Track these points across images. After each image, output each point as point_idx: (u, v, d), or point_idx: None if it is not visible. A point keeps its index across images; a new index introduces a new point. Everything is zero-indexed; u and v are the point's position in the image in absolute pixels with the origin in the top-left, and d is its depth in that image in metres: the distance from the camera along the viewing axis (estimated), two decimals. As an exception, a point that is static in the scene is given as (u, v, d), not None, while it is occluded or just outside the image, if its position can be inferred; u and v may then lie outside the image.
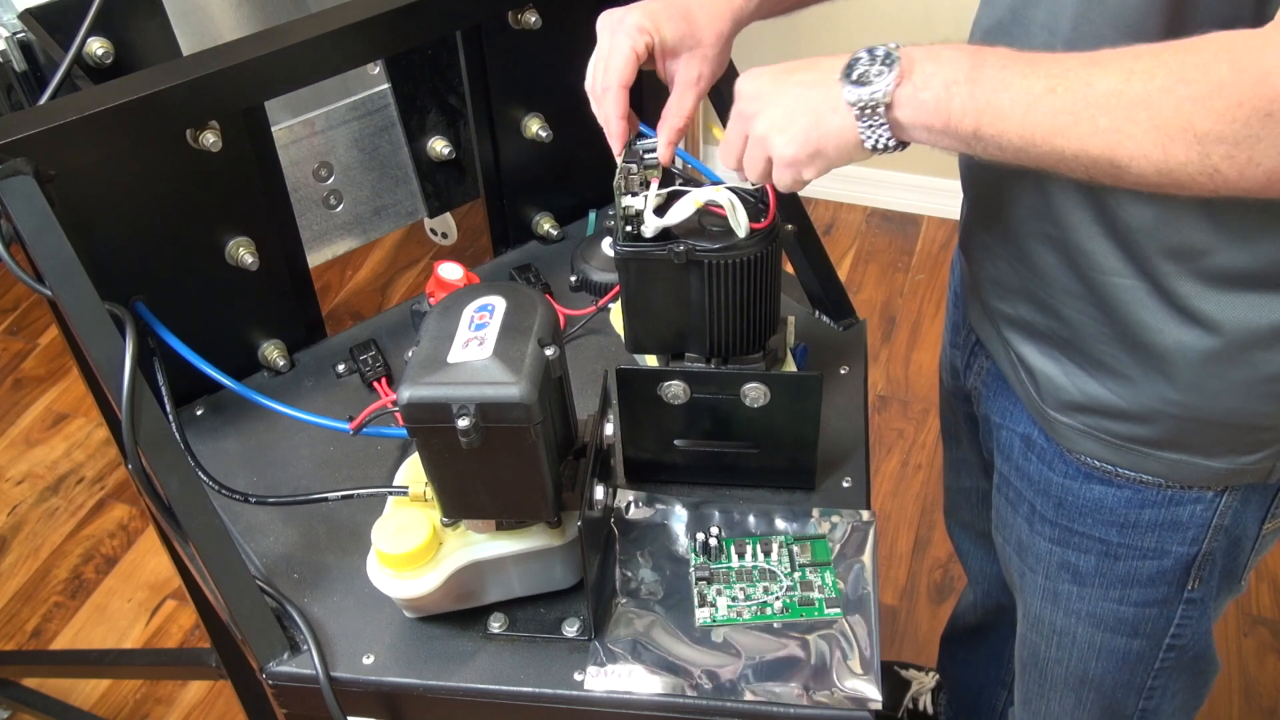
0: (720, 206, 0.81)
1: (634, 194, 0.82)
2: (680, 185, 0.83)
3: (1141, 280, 0.77)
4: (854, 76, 0.69)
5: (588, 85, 0.86)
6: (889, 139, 0.70)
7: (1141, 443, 0.84)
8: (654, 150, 0.84)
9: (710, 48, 0.84)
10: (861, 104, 0.69)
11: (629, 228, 0.82)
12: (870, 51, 0.69)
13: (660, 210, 0.81)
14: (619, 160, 0.83)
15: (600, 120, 0.85)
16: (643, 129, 0.88)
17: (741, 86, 0.76)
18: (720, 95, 0.99)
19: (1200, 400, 0.80)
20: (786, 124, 0.72)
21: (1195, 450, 0.83)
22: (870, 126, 0.70)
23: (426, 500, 0.80)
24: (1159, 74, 0.61)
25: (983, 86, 0.66)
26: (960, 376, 1.07)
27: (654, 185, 0.82)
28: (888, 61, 0.68)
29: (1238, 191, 0.62)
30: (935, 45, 0.69)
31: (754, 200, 0.83)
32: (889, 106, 0.69)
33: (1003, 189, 0.83)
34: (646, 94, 0.90)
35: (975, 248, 0.92)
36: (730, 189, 0.81)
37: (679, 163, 0.85)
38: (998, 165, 0.70)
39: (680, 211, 0.80)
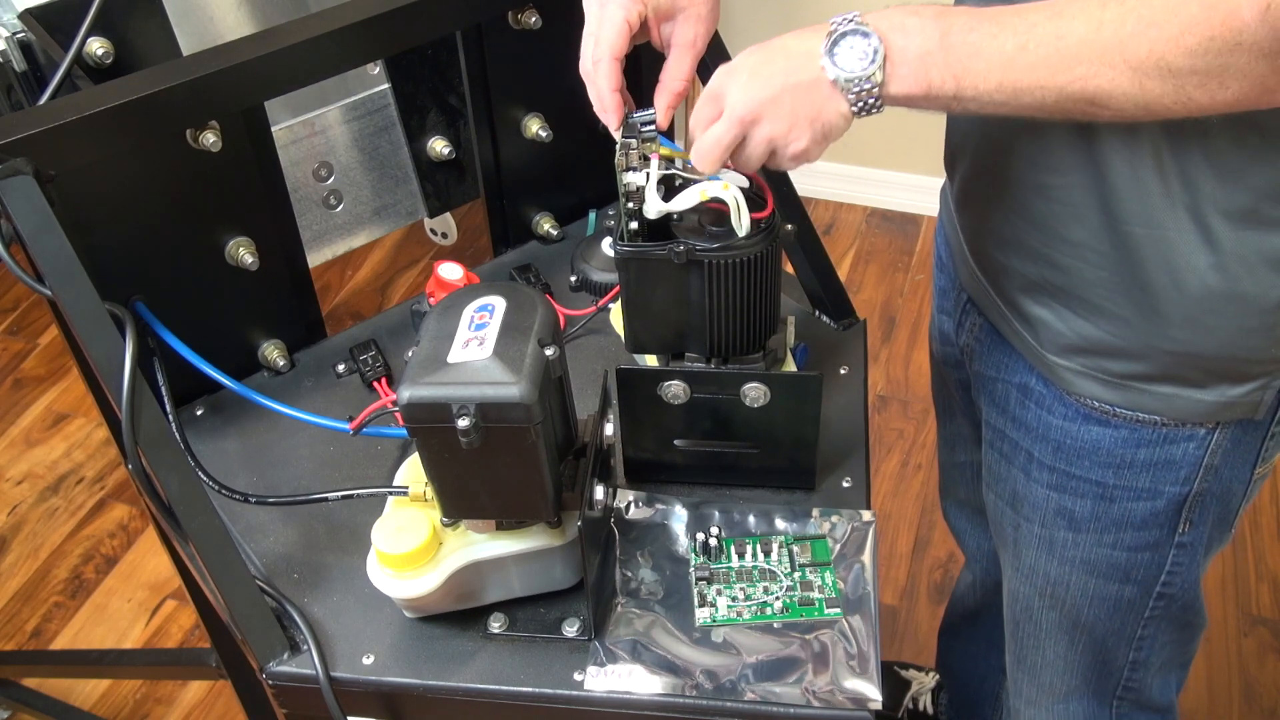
0: (723, 203, 0.80)
1: (634, 169, 0.81)
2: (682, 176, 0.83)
3: (1137, 225, 0.80)
4: (846, 86, 0.73)
5: (580, 65, 0.84)
6: (878, 107, 0.74)
7: (1138, 379, 0.87)
8: (652, 122, 0.82)
9: (703, 5, 0.84)
10: (858, 99, 0.73)
11: (631, 204, 0.82)
12: (862, 52, 0.72)
13: (666, 195, 0.81)
14: (617, 136, 0.82)
15: (593, 98, 0.83)
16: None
17: (732, 98, 0.75)
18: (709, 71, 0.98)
19: (1194, 336, 0.83)
20: (794, 132, 0.75)
21: (1189, 383, 0.86)
22: (863, 106, 0.74)
23: (426, 500, 0.80)
24: (1129, 20, 0.66)
25: (955, 53, 0.71)
26: (952, 340, 1.09)
27: (654, 161, 0.81)
28: (876, 60, 0.71)
29: (1207, 111, 0.68)
30: (897, 13, 0.72)
31: (753, 195, 0.83)
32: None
33: (1000, 142, 0.86)
34: (645, 72, 0.89)
35: (972, 202, 0.94)
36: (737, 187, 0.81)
37: (678, 162, 0.85)
38: (994, 120, 0.76)
39: (686, 199, 0.80)
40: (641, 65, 0.87)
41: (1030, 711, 1.15)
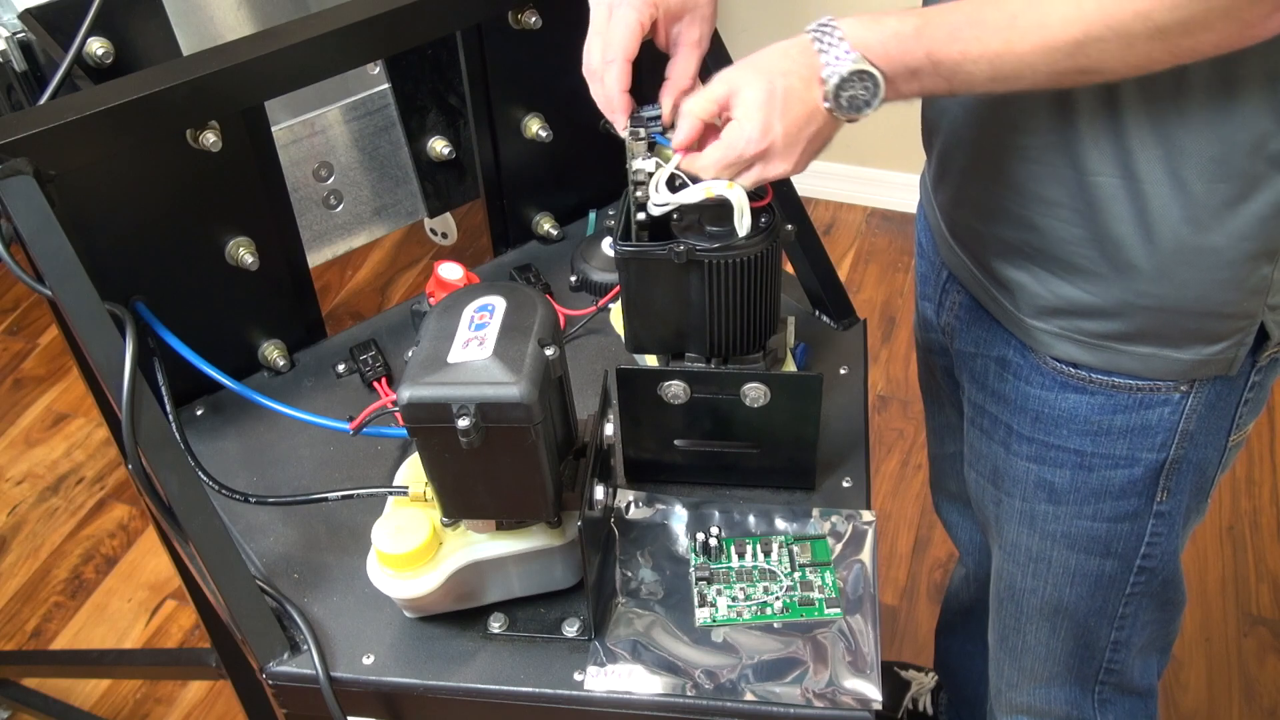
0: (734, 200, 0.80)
1: (644, 157, 0.81)
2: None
3: (1110, 178, 0.81)
4: (845, 102, 0.75)
5: (585, 65, 0.84)
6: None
7: (1114, 338, 0.88)
8: (658, 117, 0.83)
9: (706, 6, 0.85)
10: (855, 118, 0.77)
11: (639, 193, 0.82)
12: (855, 73, 0.74)
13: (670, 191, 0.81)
14: (624, 134, 0.82)
15: (601, 98, 0.83)
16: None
17: (750, 138, 0.76)
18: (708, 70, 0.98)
19: (1167, 290, 0.83)
20: (801, 159, 0.78)
21: (1164, 342, 0.87)
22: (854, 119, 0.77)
23: (426, 500, 0.80)
24: None
25: (944, 68, 0.73)
26: (934, 324, 1.10)
27: (662, 166, 0.81)
28: (871, 82, 0.74)
29: (1193, 58, 0.70)
30: (879, 40, 0.74)
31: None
32: None
33: (976, 110, 0.87)
34: (645, 71, 0.89)
35: (949, 174, 0.95)
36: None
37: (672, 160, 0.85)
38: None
39: (690, 195, 0.80)
40: (642, 65, 0.88)
41: (1012, 694, 1.16)
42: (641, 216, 0.83)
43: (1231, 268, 0.82)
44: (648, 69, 0.89)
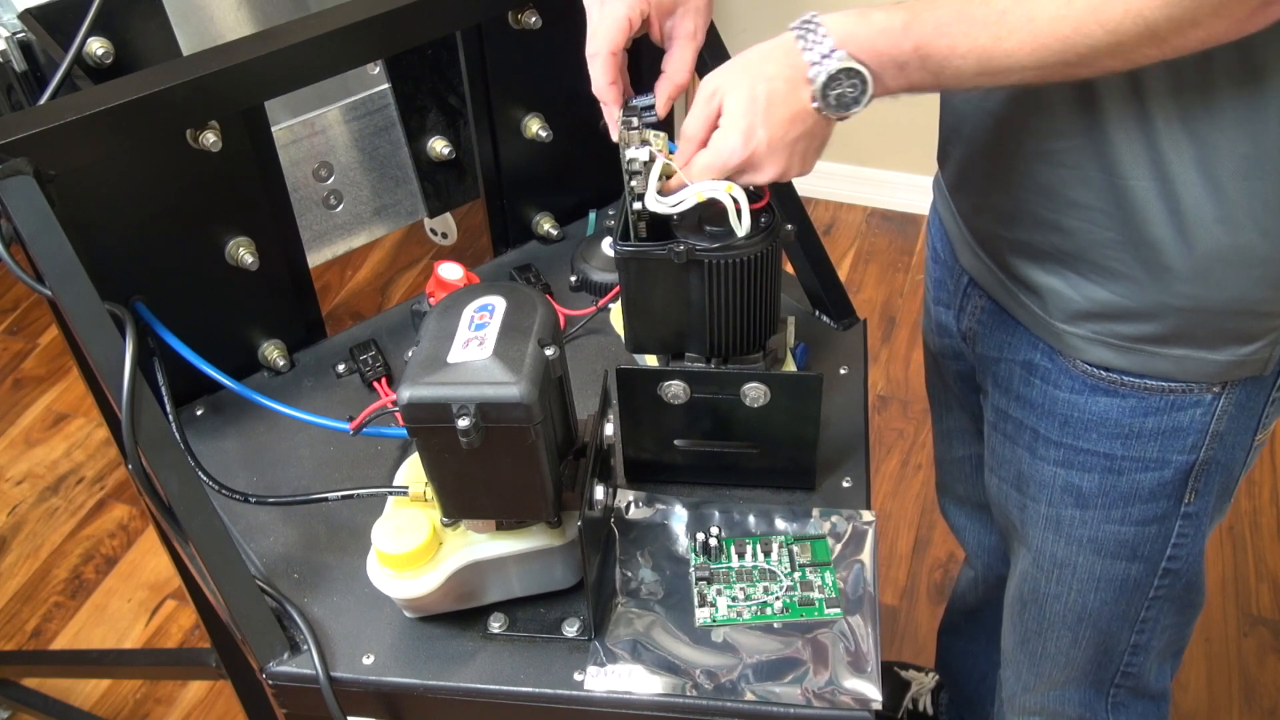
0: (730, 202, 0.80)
1: (638, 146, 0.81)
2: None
3: (1143, 180, 0.80)
4: (833, 101, 0.75)
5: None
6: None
7: (1149, 341, 0.87)
8: (651, 107, 0.84)
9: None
10: (845, 116, 0.76)
11: (635, 184, 0.82)
12: (842, 71, 0.74)
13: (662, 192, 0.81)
14: (612, 126, 0.83)
15: (595, 91, 0.85)
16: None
17: (733, 148, 0.76)
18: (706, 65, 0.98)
19: (1203, 291, 0.83)
20: (797, 163, 0.78)
21: (1200, 344, 0.86)
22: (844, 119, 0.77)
23: (426, 500, 0.81)
24: None
25: (931, 62, 0.73)
26: (951, 330, 1.10)
27: (659, 160, 0.81)
28: (859, 79, 0.74)
29: (1181, 53, 0.69)
30: (866, 37, 0.74)
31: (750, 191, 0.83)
32: None
33: (998, 116, 0.86)
34: (645, 64, 0.90)
35: (971, 181, 0.95)
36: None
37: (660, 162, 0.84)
38: (991, 95, 0.79)
39: (684, 197, 0.80)
40: (642, 59, 0.88)
41: (1026, 697, 1.15)
42: (638, 207, 0.82)
43: (1266, 266, 0.81)
44: (647, 63, 0.89)
